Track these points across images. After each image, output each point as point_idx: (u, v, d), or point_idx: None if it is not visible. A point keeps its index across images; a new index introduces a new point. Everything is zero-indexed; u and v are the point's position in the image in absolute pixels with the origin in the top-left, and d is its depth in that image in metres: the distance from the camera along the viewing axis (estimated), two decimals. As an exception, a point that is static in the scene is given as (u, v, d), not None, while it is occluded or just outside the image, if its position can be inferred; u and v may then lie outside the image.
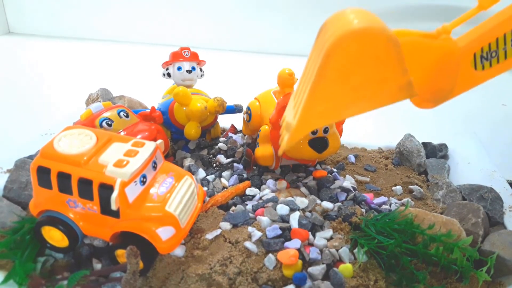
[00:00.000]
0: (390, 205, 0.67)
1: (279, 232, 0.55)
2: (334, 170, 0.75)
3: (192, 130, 0.75)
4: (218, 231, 0.57)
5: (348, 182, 0.71)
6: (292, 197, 0.64)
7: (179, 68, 0.82)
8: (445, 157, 0.87)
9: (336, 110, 0.44)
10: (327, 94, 0.43)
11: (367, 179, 0.76)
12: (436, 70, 0.46)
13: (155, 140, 0.60)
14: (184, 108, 0.75)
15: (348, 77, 0.42)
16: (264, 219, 0.58)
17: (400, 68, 0.43)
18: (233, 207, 0.63)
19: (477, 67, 0.47)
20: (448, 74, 0.47)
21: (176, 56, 0.82)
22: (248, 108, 0.79)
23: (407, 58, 0.43)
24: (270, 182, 0.68)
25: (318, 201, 0.64)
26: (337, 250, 0.55)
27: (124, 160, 0.50)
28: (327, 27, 0.44)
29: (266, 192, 0.66)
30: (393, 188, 0.74)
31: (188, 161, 0.75)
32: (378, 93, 0.44)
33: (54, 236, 0.53)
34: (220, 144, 0.80)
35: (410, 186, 0.75)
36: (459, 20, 0.47)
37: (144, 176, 0.52)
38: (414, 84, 0.44)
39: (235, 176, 0.71)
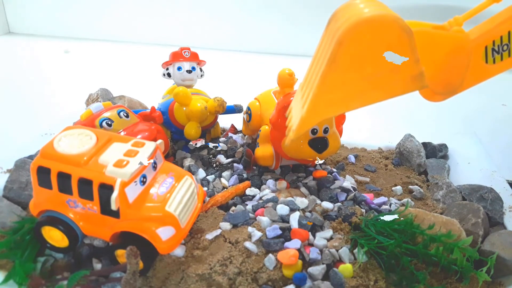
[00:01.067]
0: (390, 205, 0.67)
1: (279, 232, 0.55)
2: (334, 170, 0.75)
3: (192, 130, 0.75)
4: (218, 231, 0.57)
5: (348, 182, 0.71)
6: (292, 197, 0.64)
7: (179, 68, 0.82)
8: (445, 157, 0.87)
9: (346, 99, 0.44)
10: (338, 82, 0.43)
11: (367, 179, 0.76)
12: (447, 62, 0.46)
13: (155, 140, 0.60)
14: (184, 108, 0.75)
15: (360, 65, 0.42)
16: (264, 219, 0.58)
17: (413, 58, 0.42)
18: (233, 207, 0.63)
19: (488, 60, 0.47)
20: (459, 66, 0.47)
21: (176, 56, 0.82)
22: (248, 108, 0.79)
23: (418, 49, 0.42)
24: (270, 182, 0.68)
25: (318, 201, 0.64)
26: (337, 250, 0.55)
27: (124, 160, 0.50)
28: (338, 16, 0.43)
29: (266, 192, 0.66)
30: (393, 188, 0.74)
31: (188, 161, 0.75)
32: (390, 83, 0.43)
33: (54, 236, 0.53)
34: (220, 144, 0.79)
35: (410, 186, 0.75)
36: (471, 12, 0.46)
37: (144, 176, 0.52)
38: (425, 75, 0.44)
39: (235, 176, 0.71)
